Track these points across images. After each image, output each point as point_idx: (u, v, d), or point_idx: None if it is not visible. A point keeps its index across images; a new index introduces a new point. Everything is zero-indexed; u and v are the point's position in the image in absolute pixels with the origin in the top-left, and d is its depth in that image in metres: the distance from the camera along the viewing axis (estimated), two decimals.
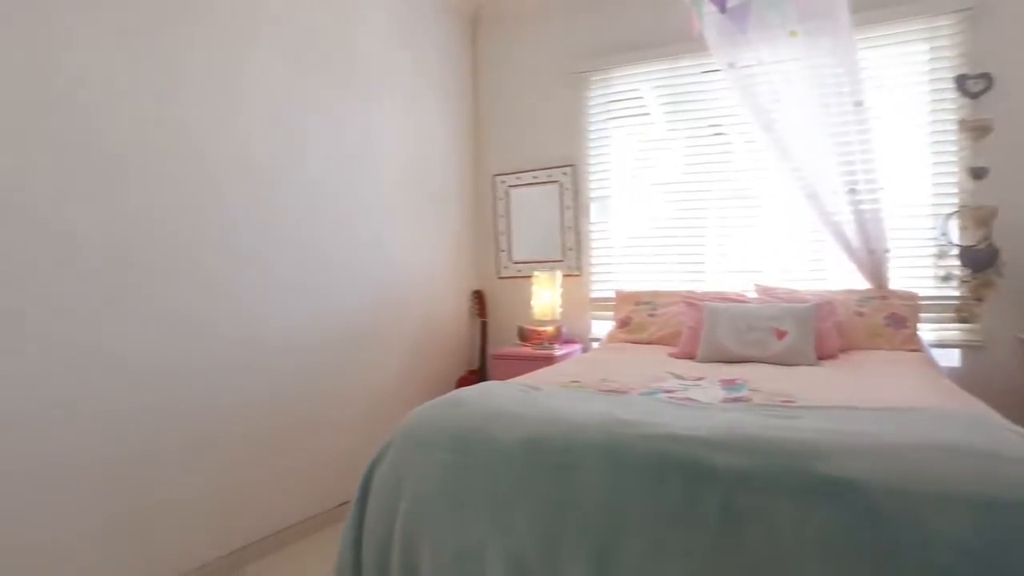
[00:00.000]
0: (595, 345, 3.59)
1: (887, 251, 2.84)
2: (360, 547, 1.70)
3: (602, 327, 3.61)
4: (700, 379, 2.21)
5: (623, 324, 3.30)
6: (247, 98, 2.46)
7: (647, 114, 3.54)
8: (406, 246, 3.34)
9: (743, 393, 1.95)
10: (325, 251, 2.82)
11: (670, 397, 1.89)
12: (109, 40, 2.01)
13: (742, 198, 3.30)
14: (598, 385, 2.08)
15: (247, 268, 2.46)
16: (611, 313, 3.49)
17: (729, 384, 2.10)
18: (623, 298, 3.41)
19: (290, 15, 2.66)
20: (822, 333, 2.64)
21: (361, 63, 3.03)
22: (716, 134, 3.36)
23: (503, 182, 3.89)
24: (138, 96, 2.08)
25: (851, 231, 2.85)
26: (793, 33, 2.75)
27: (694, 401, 1.82)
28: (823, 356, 2.58)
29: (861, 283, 2.92)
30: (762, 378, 2.19)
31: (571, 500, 1.43)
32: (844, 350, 2.70)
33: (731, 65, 2.91)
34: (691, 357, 2.73)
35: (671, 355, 2.81)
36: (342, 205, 2.91)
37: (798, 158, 2.88)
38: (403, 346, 3.33)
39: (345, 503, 2.81)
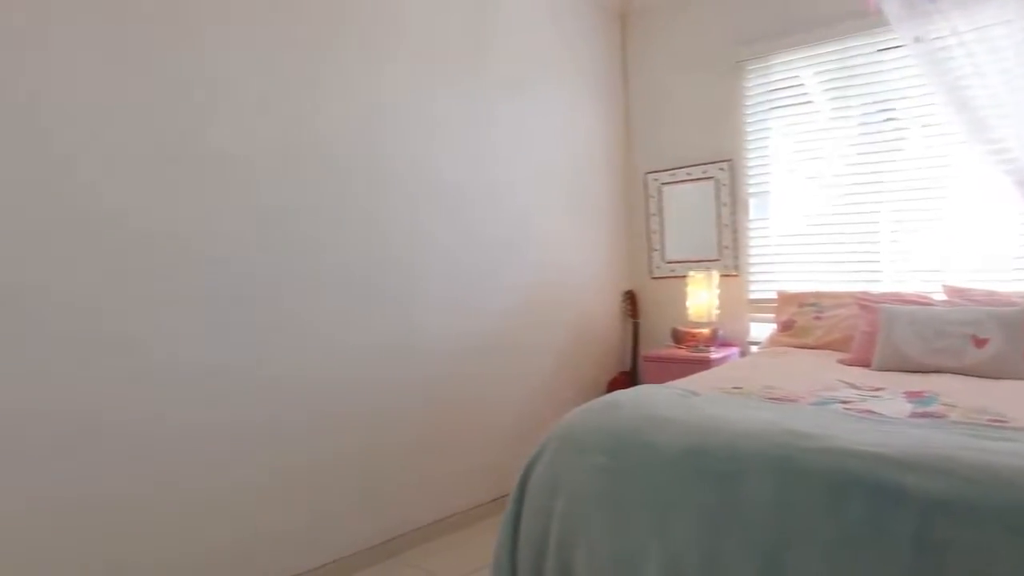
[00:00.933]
0: (754, 349, 3.39)
1: None
2: (516, 544, 1.73)
3: (761, 330, 3.40)
4: (879, 390, 2.01)
5: (786, 327, 3.08)
6: (386, 106, 2.55)
7: (810, 102, 3.28)
8: (557, 247, 3.36)
9: (935, 408, 1.74)
10: (475, 255, 2.90)
11: (847, 408, 1.73)
12: (249, 54, 2.22)
13: (921, 189, 2.95)
14: (763, 392, 1.96)
15: (401, 274, 2.61)
16: (771, 315, 3.28)
17: (916, 397, 1.89)
18: (786, 299, 3.19)
19: (430, 18, 2.72)
20: None
21: (506, 63, 3.07)
22: (888, 119, 3.04)
23: (655, 180, 3.79)
24: (279, 108, 2.22)
25: None
26: None
27: (876, 414, 1.66)
28: None
29: None
30: (957, 391, 1.94)
31: (735, 511, 1.36)
32: None
33: (917, 39, 2.61)
34: (865, 365, 2.49)
35: (841, 362, 2.58)
36: (491, 207, 2.98)
37: (1002, 139, 2.52)
38: (555, 347, 3.35)
39: (500, 498, 2.88)
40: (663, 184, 3.76)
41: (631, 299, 3.82)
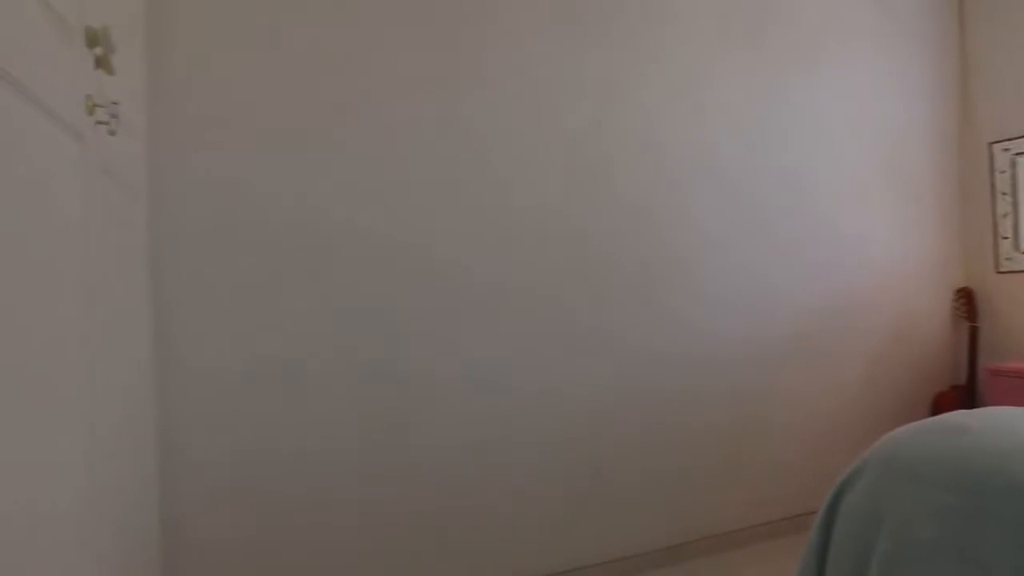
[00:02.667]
0: None
1: None
2: None
3: None
4: None
5: None
6: (658, 90, 2.42)
7: None
8: (868, 238, 2.88)
9: None
10: (764, 251, 2.61)
11: None
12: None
13: None
14: None
15: (677, 272, 2.45)
16: None
17: None
18: None
19: None
20: None
21: (795, 30, 2.69)
22: None
23: (1005, 150, 3.04)
24: (544, 102, 2.24)
25: None
26: None
27: None
28: None
29: None
30: None
31: None
32: None
33: None
34: None
35: None
36: (784, 195, 2.66)
37: None
38: (865, 354, 2.88)
39: (793, 517, 2.59)
40: (1016, 155, 3.00)
41: (967, 298, 3.12)
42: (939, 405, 3.00)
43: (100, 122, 1.07)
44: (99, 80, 1.09)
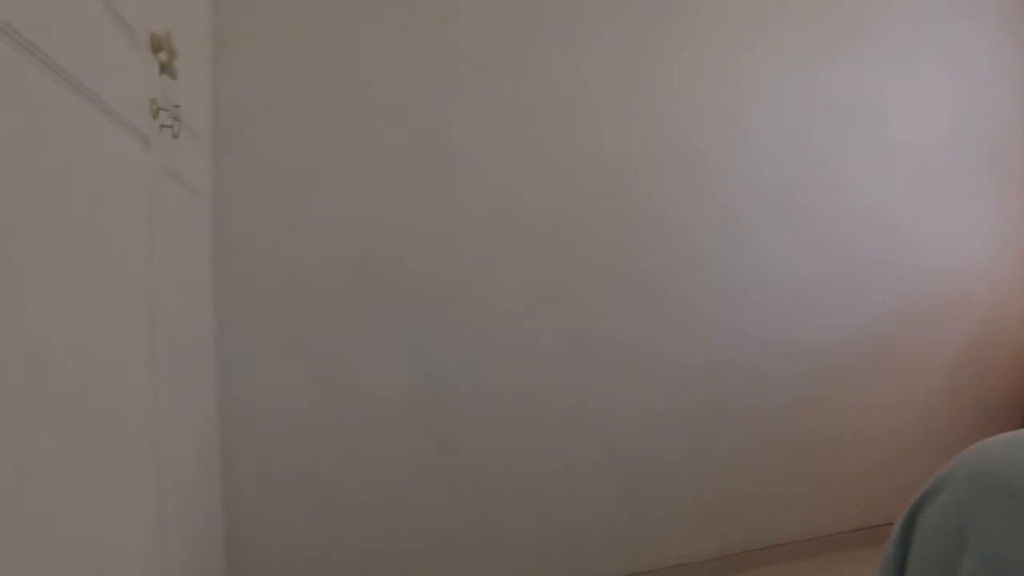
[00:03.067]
0: None
1: None
2: None
3: None
4: None
5: None
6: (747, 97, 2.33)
7: None
8: (949, 229, 2.68)
9: None
10: (846, 246, 2.49)
11: None
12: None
13: None
14: None
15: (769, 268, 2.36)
16: None
17: None
18: None
19: None
20: None
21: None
22: None
23: None
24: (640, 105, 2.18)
25: None
26: None
27: None
28: None
29: None
30: None
31: None
32: None
33: None
34: None
35: None
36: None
37: None
38: (946, 362, 2.70)
39: (861, 529, 2.47)
40: None
41: None
42: None
43: (164, 125, 1.09)
44: (163, 84, 1.12)
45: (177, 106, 1.12)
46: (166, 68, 1.11)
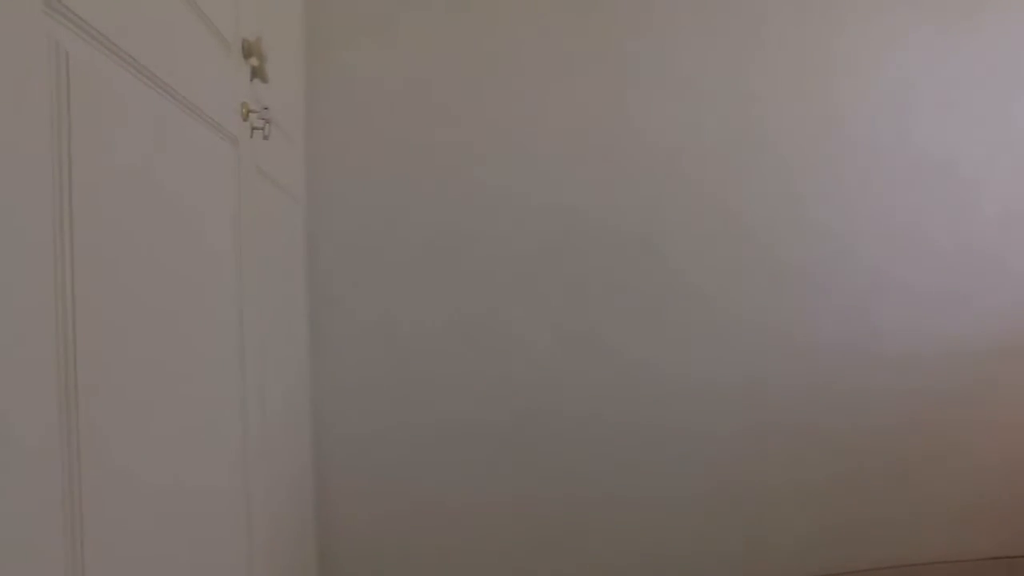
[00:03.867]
0: None
1: None
2: None
3: None
4: None
5: None
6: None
7: None
8: None
9: None
10: (964, 235, 2.24)
11: None
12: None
13: None
14: None
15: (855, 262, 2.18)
16: None
17: None
18: None
19: None
20: None
21: None
22: None
23: None
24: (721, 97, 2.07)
25: None
26: None
27: None
28: None
29: None
30: None
31: None
32: None
33: None
34: None
35: None
36: (982, 176, 2.24)
37: None
38: None
39: (995, 559, 2.21)
40: None
41: None
42: None
43: (255, 127, 1.13)
44: (254, 88, 1.16)
45: (267, 108, 1.16)
46: (257, 72, 1.15)
